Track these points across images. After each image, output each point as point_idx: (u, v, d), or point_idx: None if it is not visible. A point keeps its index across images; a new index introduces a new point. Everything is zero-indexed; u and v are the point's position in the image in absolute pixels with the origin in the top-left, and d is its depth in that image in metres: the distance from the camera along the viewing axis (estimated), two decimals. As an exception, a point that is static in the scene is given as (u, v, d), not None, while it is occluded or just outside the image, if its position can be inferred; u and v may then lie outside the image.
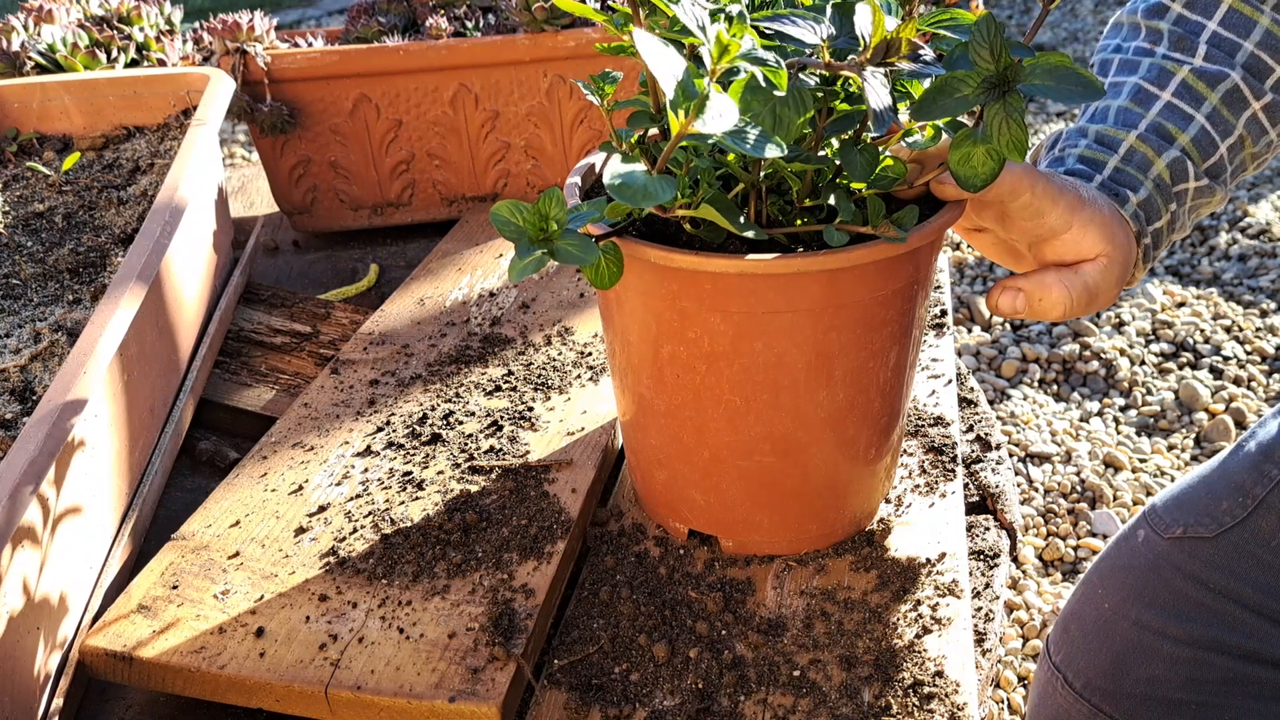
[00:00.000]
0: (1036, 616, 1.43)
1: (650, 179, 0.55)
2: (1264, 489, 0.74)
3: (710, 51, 0.53)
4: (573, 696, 0.66)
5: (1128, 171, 0.71)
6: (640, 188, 0.54)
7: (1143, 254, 0.71)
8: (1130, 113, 0.72)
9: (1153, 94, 0.72)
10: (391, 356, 1.00)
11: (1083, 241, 0.66)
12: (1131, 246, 0.69)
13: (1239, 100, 0.71)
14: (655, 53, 0.52)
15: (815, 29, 0.58)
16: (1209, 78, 0.71)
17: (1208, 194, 0.73)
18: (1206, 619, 0.74)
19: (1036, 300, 0.67)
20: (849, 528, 0.77)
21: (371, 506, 0.80)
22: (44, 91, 1.17)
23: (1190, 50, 0.73)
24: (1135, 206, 0.70)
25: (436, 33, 1.24)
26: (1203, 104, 0.71)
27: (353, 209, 1.31)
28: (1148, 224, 0.70)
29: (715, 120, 0.52)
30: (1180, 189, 0.71)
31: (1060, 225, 0.65)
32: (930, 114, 0.57)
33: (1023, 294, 0.68)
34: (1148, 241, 0.71)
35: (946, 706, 0.65)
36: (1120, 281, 0.69)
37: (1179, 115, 0.71)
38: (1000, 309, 0.69)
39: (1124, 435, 1.77)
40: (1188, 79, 0.72)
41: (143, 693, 0.72)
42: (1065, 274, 0.67)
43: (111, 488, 0.78)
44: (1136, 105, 0.72)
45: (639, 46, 0.52)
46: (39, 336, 0.84)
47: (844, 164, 0.62)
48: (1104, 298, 0.68)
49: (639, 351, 0.70)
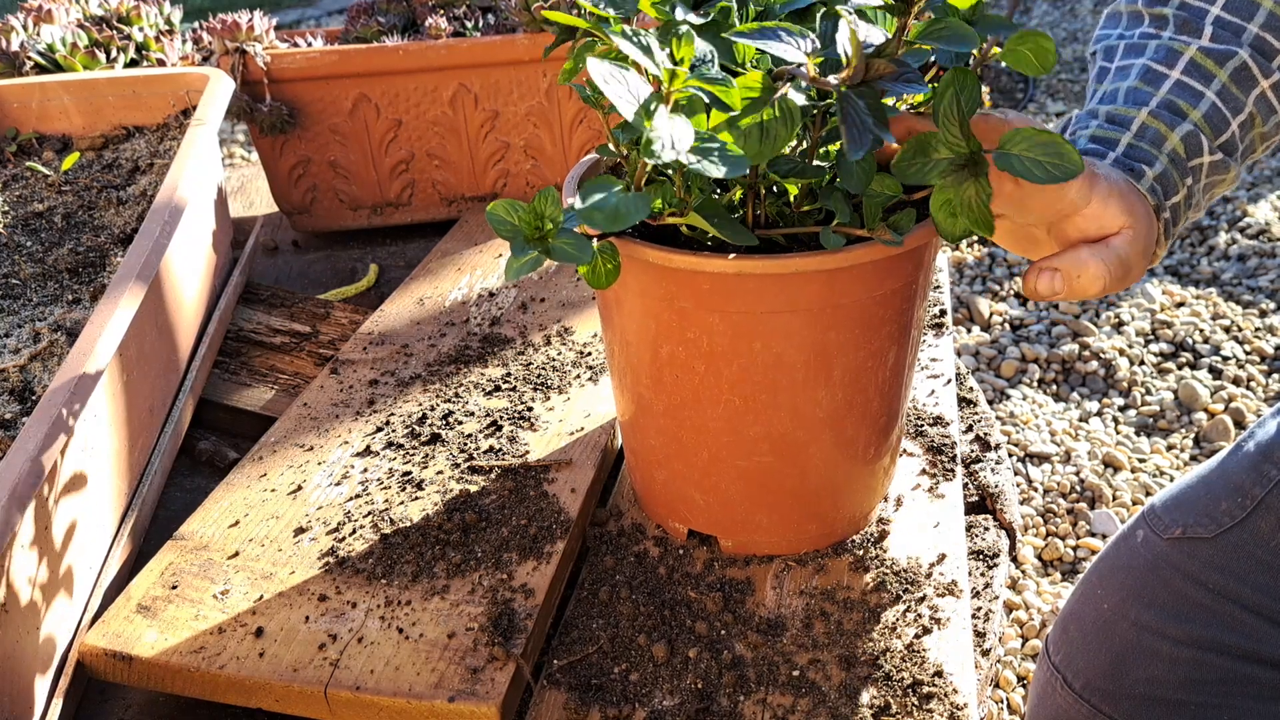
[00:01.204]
0: (1036, 616, 1.43)
1: (622, 199, 0.54)
2: (1263, 489, 0.74)
3: (661, 78, 0.53)
4: (572, 696, 0.66)
5: (1141, 147, 0.70)
6: (611, 210, 0.54)
7: (1163, 229, 0.70)
8: (1140, 91, 0.72)
9: (1162, 73, 0.72)
10: (391, 356, 1.00)
11: (1104, 215, 0.65)
12: (1151, 218, 0.67)
13: (1248, 78, 0.71)
14: (608, 80, 0.52)
15: (800, 44, 0.57)
16: (1217, 56, 0.71)
17: (1222, 170, 0.72)
18: (1206, 619, 0.74)
19: (1075, 278, 0.65)
20: (848, 527, 0.77)
21: (371, 506, 0.80)
22: (43, 91, 1.17)
23: (1196, 32, 0.73)
24: (1152, 180, 0.69)
25: (436, 33, 1.24)
26: (1212, 81, 0.71)
27: (352, 209, 1.31)
28: (1165, 199, 0.69)
29: (666, 149, 0.52)
30: (1195, 164, 0.71)
31: (1080, 199, 0.64)
32: (907, 176, 0.57)
33: (1059, 274, 0.66)
34: (1167, 216, 0.70)
35: (946, 706, 0.65)
36: (1146, 254, 0.67)
37: (1190, 92, 0.71)
38: (1039, 292, 0.66)
39: (1123, 435, 1.77)
40: (1196, 57, 0.71)
41: (142, 693, 0.72)
42: (1098, 248, 0.65)
43: (111, 487, 0.78)
44: (1146, 84, 0.72)
45: (592, 74, 0.52)
46: (38, 336, 0.84)
47: (840, 174, 0.61)
48: (1135, 271, 0.66)
49: (637, 352, 0.70)
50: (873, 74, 0.57)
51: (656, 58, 0.54)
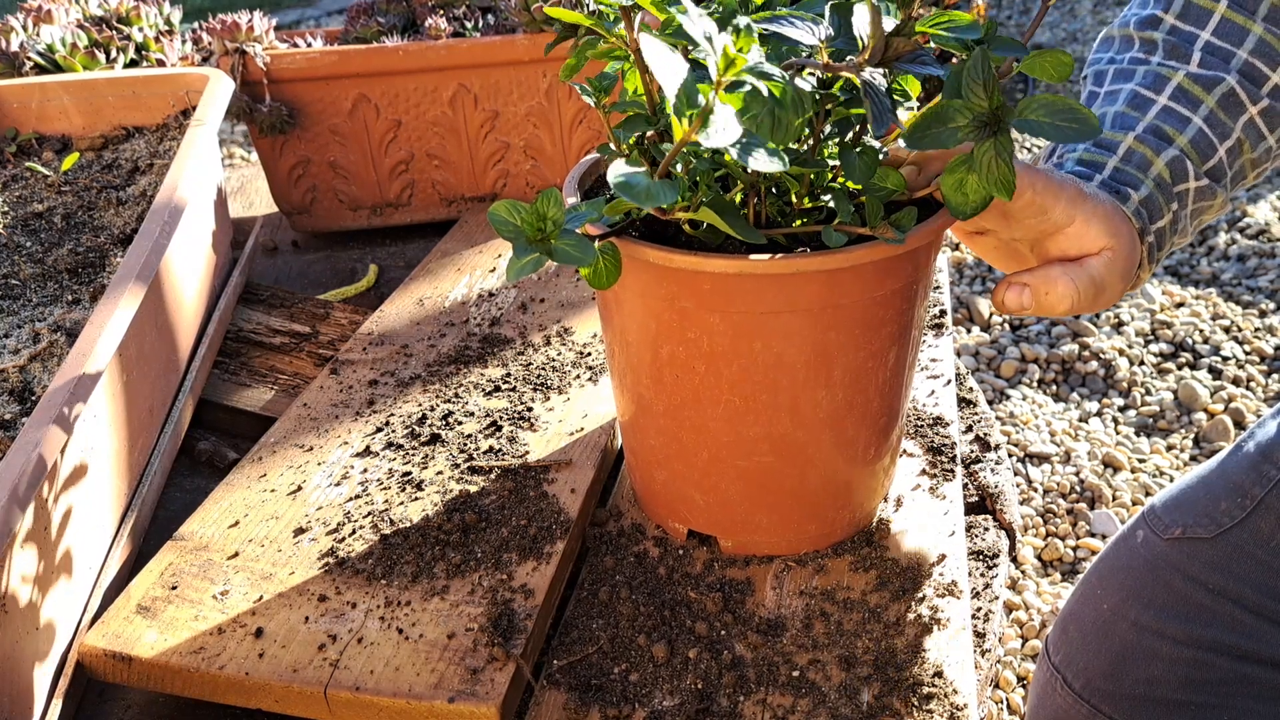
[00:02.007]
0: (1035, 617, 1.43)
1: (654, 182, 0.55)
2: (1262, 489, 0.74)
3: (716, 64, 0.53)
4: (572, 697, 0.66)
5: (1127, 171, 0.71)
6: (644, 189, 0.54)
7: (1147, 253, 0.71)
8: (1127, 116, 0.73)
9: (1149, 98, 0.72)
10: (391, 357, 1.00)
11: (1086, 235, 0.66)
12: (1135, 241, 0.68)
13: (1235, 104, 0.71)
14: (661, 57, 0.52)
15: (813, 30, 0.57)
16: (1205, 82, 0.71)
17: (1209, 196, 0.72)
18: (1206, 620, 0.74)
19: (1043, 295, 0.67)
20: (848, 528, 0.77)
21: (370, 507, 0.80)
22: (43, 92, 1.17)
23: (1185, 58, 0.73)
24: (1137, 204, 0.70)
25: (436, 33, 1.24)
26: (1199, 107, 0.71)
27: (352, 209, 1.31)
28: (1150, 222, 0.70)
29: (719, 134, 0.52)
30: (1181, 189, 0.71)
31: (1064, 219, 0.65)
32: (923, 142, 0.57)
33: (1029, 289, 0.67)
34: (1151, 240, 0.71)
35: (945, 707, 0.65)
36: (1125, 277, 0.68)
37: (1176, 118, 0.71)
38: (1006, 305, 0.68)
39: (1123, 435, 1.77)
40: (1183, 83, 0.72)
41: (142, 693, 0.72)
42: (1070, 268, 0.66)
43: (110, 488, 0.78)
44: (1133, 110, 0.73)
45: (644, 50, 0.52)
46: (38, 337, 0.84)
47: (843, 166, 0.61)
48: (1109, 293, 0.68)
49: (638, 352, 0.70)
50: (891, 54, 0.57)
51: (715, 43, 0.54)
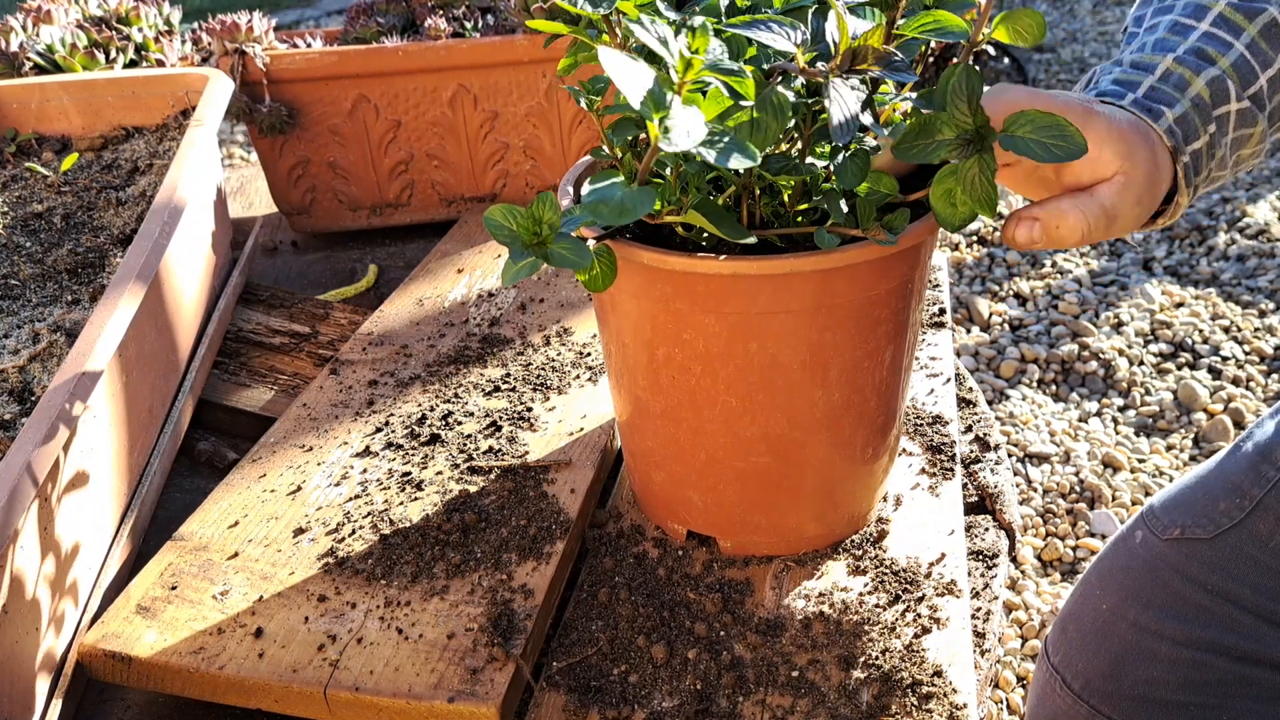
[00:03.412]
0: (1035, 617, 1.43)
1: (627, 193, 0.54)
2: (1261, 490, 0.74)
3: (675, 67, 0.53)
4: (571, 698, 0.66)
5: (1163, 90, 0.69)
6: (616, 204, 0.54)
7: (1183, 175, 0.69)
8: (1167, 41, 0.72)
9: (1190, 25, 0.72)
10: (390, 357, 1.00)
11: (1099, 158, 0.64)
12: (1154, 164, 0.67)
13: (1277, 34, 0.71)
14: (619, 68, 0.52)
15: (790, 35, 0.57)
16: (1246, 11, 0.71)
17: (1250, 122, 0.71)
18: (1205, 620, 0.74)
19: (1053, 228, 0.65)
20: (847, 528, 0.77)
21: (370, 507, 0.80)
22: (43, 92, 1.17)
23: None
24: (1171, 122, 0.68)
25: (435, 33, 1.24)
26: (1241, 34, 0.71)
27: (351, 209, 1.31)
28: (1185, 143, 0.68)
29: (683, 138, 0.52)
30: (1221, 112, 0.70)
31: None
32: (909, 154, 0.57)
33: (1038, 223, 0.65)
34: (1186, 160, 0.68)
35: (945, 706, 0.65)
36: (1140, 203, 0.66)
37: (1218, 42, 0.71)
38: (1017, 240, 0.66)
39: (1123, 435, 1.77)
40: (1225, 11, 0.71)
41: (142, 693, 0.72)
42: (1080, 198, 0.65)
43: (110, 488, 0.78)
44: (1173, 34, 0.72)
45: (604, 63, 0.52)
46: (38, 337, 0.84)
47: (835, 170, 0.61)
48: (1123, 221, 0.66)
49: (634, 353, 0.70)
50: (860, 61, 0.57)
51: (671, 47, 0.54)
